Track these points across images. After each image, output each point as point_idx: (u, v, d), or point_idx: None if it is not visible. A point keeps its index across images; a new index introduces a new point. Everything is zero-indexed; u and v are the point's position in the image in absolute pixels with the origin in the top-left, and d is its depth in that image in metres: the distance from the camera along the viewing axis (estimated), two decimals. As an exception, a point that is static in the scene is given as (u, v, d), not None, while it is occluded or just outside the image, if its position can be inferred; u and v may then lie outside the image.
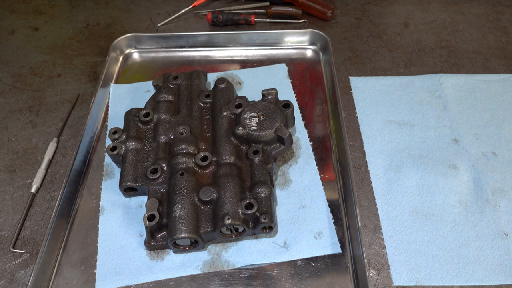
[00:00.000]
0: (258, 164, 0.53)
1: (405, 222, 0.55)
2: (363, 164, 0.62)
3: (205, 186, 0.51)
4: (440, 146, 0.63)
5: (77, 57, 0.80)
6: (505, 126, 0.66)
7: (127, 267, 0.51)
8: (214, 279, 0.50)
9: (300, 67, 0.76)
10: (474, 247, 0.53)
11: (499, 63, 0.77)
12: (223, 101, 0.60)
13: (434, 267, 0.51)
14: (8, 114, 0.70)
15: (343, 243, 0.53)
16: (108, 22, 0.88)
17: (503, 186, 0.59)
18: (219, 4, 0.90)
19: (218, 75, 0.74)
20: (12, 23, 0.88)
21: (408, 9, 0.89)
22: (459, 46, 0.80)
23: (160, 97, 0.62)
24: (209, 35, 0.78)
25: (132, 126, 0.59)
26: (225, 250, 0.52)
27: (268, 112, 0.56)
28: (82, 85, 0.75)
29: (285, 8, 0.84)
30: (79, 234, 0.55)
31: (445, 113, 0.68)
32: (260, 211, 0.49)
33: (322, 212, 0.55)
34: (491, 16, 0.87)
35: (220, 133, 0.57)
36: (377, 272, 0.51)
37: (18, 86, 0.75)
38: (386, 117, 0.68)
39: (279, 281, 0.50)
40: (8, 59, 0.80)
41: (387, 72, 0.75)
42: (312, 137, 0.64)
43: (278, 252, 0.52)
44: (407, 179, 0.59)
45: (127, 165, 0.56)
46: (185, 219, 0.48)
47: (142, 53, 0.80)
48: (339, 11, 0.88)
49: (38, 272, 0.49)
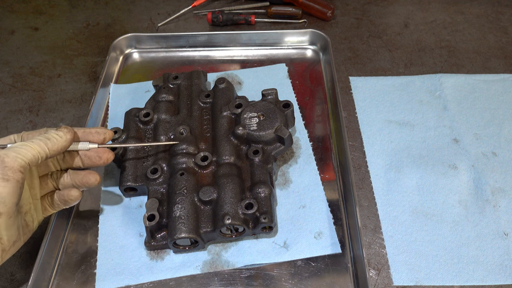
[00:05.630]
0: (258, 164, 0.53)
1: (405, 222, 0.55)
2: (363, 164, 0.62)
3: (205, 186, 0.51)
4: (440, 146, 0.63)
5: (77, 57, 0.80)
6: (505, 126, 0.66)
7: (127, 267, 0.51)
8: (214, 279, 0.50)
9: (300, 67, 0.76)
10: (474, 247, 0.53)
11: (499, 63, 0.77)
12: (223, 101, 0.60)
13: (434, 267, 0.51)
14: (8, 114, 0.70)
15: (343, 243, 0.53)
16: (108, 22, 0.88)
17: (503, 186, 0.59)
18: (219, 4, 0.90)
19: (218, 75, 0.74)
20: (12, 23, 0.88)
21: (408, 9, 0.89)
22: (459, 46, 0.80)
23: (160, 97, 0.62)
24: (209, 35, 0.78)
25: (132, 126, 0.59)
26: (225, 250, 0.52)
27: (268, 112, 0.56)
28: (82, 85, 0.75)
29: (285, 8, 0.84)
30: (79, 234, 0.55)
31: (445, 113, 0.68)
32: (260, 211, 0.49)
33: (322, 212, 0.55)
34: (491, 16, 0.87)
35: (220, 133, 0.57)
36: (377, 272, 0.51)
37: (18, 86, 0.75)
38: (386, 117, 0.68)
39: (279, 281, 0.50)
40: (8, 59, 0.80)
41: (387, 72, 0.75)
42: (312, 137, 0.65)
43: (278, 252, 0.52)
44: (407, 179, 0.59)
45: (127, 165, 0.56)
46: (185, 219, 0.48)
47: (142, 53, 0.80)
48: (339, 11, 0.88)
49: (38, 272, 0.49)
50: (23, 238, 0.43)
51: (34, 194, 0.46)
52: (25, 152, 0.40)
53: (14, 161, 0.39)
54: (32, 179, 0.46)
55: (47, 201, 0.48)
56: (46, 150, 0.42)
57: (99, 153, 0.49)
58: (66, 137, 0.44)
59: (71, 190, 0.48)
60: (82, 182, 0.49)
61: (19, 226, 0.42)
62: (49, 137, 0.43)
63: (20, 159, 0.39)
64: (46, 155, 0.42)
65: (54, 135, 0.44)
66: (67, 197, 0.48)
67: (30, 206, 0.44)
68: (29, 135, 0.47)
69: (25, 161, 0.40)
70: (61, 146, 0.44)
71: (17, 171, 0.39)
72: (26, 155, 0.40)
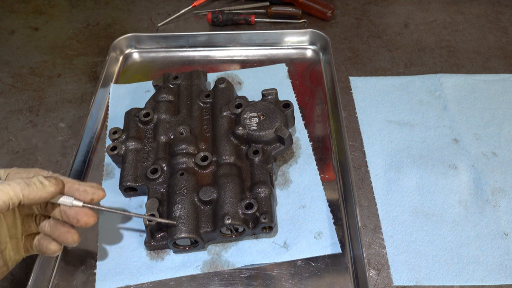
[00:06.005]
0: (258, 164, 0.53)
1: (405, 222, 0.55)
2: (363, 164, 0.62)
3: (205, 186, 0.51)
4: (440, 146, 0.63)
5: (77, 57, 0.80)
6: (505, 126, 0.66)
7: (127, 267, 0.51)
8: (214, 279, 0.50)
9: (300, 67, 0.76)
10: (474, 247, 0.53)
11: (499, 63, 0.77)
12: (223, 101, 0.60)
13: (434, 267, 0.51)
14: (8, 114, 0.70)
15: (343, 243, 0.53)
16: (108, 22, 0.88)
17: (503, 186, 0.59)
18: (219, 4, 0.90)
19: (218, 75, 0.74)
20: (12, 23, 0.88)
21: (408, 9, 0.89)
22: (459, 46, 0.80)
23: (160, 97, 0.62)
24: (209, 35, 0.78)
25: (132, 126, 0.59)
26: (225, 250, 0.52)
27: (268, 112, 0.56)
28: (82, 85, 0.75)
29: (285, 8, 0.84)
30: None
31: (445, 113, 0.68)
32: (260, 211, 0.49)
33: (322, 212, 0.55)
34: (491, 16, 0.87)
35: (220, 133, 0.57)
36: (377, 272, 0.51)
37: (18, 86, 0.75)
38: (386, 117, 0.68)
39: (279, 281, 0.50)
40: (8, 59, 0.80)
41: (387, 72, 0.75)
42: (312, 137, 0.65)
43: (278, 252, 0.52)
44: (407, 179, 0.59)
45: (127, 165, 0.56)
46: (185, 219, 0.48)
47: (142, 53, 0.80)
48: (339, 11, 0.88)
49: (38, 272, 0.49)
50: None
51: (14, 233, 0.43)
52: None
53: None
54: (14, 219, 0.43)
55: (29, 242, 0.45)
56: (20, 196, 0.38)
57: (78, 215, 0.44)
58: (49, 189, 0.40)
59: (51, 243, 0.44)
60: (60, 239, 0.44)
61: None
62: (30, 183, 0.39)
63: None
64: (20, 202, 0.38)
65: (36, 182, 0.39)
66: (45, 249, 0.45)
67: (6, 245, 0.41)
68: (16, 174, 0.43)
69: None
70: (39, 196, 0.39)
71: None
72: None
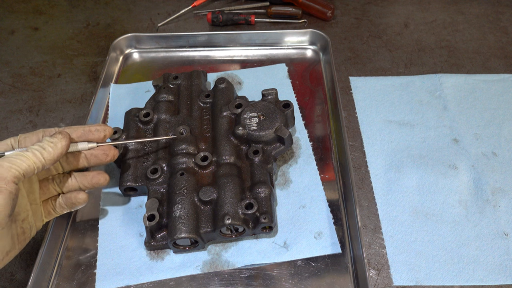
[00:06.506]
0: (258, 164, 0.53)
1: (405, 222, 0.55)
2: (363, 164, 0.62)
3: (205, 186, 0.51)
4: (440, 146, 0.63)
5: (77, 57, 0.80)
6: (505, 126, 0.66)
7: (127, 267, 0.51)
8: (214, 279, 0.50)
9: (300, 67, 0.76)
10: (474, 247, 0.53)
11: (499, 63, 0.77)
12: (223, 101, 0.60)
13: (434, 267, 0.51)
14: (8, 114, 0.70)
15: (343, 243, 0.53)
16: (108, 22, 0.88)
17: (503, 186, 0.59)
18: (219, 4, 0.90)
19: (218, 75, 0.74)
20: (12, 23, 0.88)
21: (408, 9, 0.89)
22: (459, 46, 0.80)
23: (160, 97, 0.62)
24: (209, 35, 0.78)
25: (132, 126, 0.59)
26: (225, 250, 0.52)
27: (268, 112, 0.56)
28: (82, 85, 0.75)
29: (285, 8, 0.84)
30: (79, 234, 0.55)
31: (445, 113, 0.68)
32: (260, 211, 0.49)
33: (322, 212, 0.55)
34: (491, 16, 0.87)
35: (220, 133, 0.57)
36: (377, 272, 0.51)
37: (18, 86, 0.75)
38: (386, 117, 0.68)
39: (279, 281, 0.50)
40: (8, 59, 0.80)
41: (387, 72, 0.75)
42: (312, 137, 0.65)
43: (278, 252, 0.52)
44: (407, 179, 0.59)
45: (127, 165, 0.56)
46: (185, 219, 0.48)
47: (142, 53, 0.80)
48: (339, 11, 0.88)
49: (38, 272, 0.49)
50: (18, 247, 0.42)
51: (34, 199, 0.45)
52: (20, 162, 0.39)
53: (8, 171, 0.38)
54: (31, 184, 0.45)
55: (50, 205, 0.48)
56: (43, 160, 0.41)
57: (105, 150, 0.49)
58: (62, 143, 0.43)
59: (79, 193, 0.48)
60: (92, 183, 0.48)
61: (14, 235, 0.41)
62: (45, 147, 0.42)
63: (14, 169, 0.38)
64: (43, 166, 0.41)
65: (49, 143, 0.42)
66: (75, 199, 0.48)
67: (28, 213, 0.44)
68: (26, 138, 0.45)
69: (20, 172, 0.38)
70: (57, 154, 0.42)
71: (11, 182, 0.37)
72: (21, 166, 0.39)
